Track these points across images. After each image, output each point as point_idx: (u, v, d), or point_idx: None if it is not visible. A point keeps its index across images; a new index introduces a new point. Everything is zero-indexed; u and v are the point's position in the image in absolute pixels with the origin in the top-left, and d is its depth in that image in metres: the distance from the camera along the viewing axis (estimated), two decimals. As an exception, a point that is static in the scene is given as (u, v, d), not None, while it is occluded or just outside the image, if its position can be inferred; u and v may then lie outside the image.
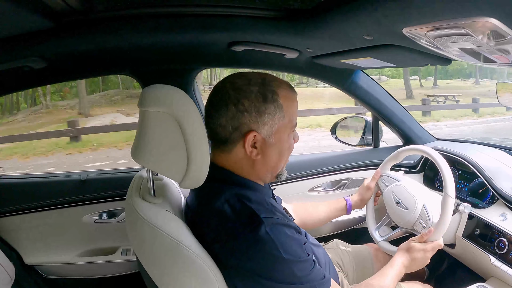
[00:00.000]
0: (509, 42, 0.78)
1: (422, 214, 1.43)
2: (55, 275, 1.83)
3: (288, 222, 1.01)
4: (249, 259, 0.92)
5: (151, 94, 0.96)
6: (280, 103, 1.01)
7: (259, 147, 1.02)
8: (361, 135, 2.23)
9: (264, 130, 1.00)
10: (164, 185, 1.19)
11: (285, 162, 1.12)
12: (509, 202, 1.43)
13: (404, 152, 1.62)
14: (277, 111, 1.01)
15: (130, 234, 1.09)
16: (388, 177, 1.64)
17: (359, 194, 1.68)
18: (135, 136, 1.03)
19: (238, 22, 1.23)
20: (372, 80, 1.98)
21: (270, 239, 0.91)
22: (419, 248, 1.32)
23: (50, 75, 1.61)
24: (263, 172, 1.07)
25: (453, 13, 0.73)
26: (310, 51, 1.50)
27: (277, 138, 1.03)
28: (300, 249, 0.98)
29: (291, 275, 0.93)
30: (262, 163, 1.05)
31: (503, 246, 1.37)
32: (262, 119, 0.99)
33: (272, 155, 1.05)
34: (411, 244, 1.34)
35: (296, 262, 0.94)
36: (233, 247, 0.93)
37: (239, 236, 0.93)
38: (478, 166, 1.58)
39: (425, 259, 1.32)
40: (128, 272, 1.86)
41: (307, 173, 2.03)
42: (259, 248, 0.91)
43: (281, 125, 1.03)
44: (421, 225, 1.43)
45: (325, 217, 1.65)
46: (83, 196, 1.81)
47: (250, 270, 0.93)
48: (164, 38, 1.36)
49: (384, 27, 0.97)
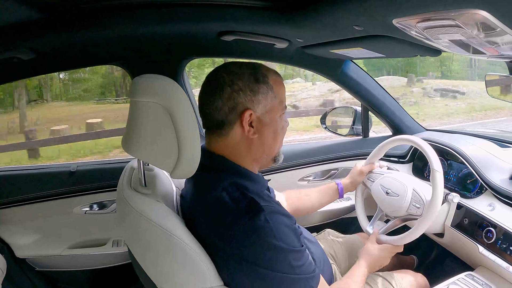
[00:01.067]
0: (499, 34, 0.78)
1: (414, 196, 1.43)
2: (46, 267, 1.82)
3: (285, 211, 1.03)
4: (247, 246, 0.92)
5: (142, 84, 0.96)
6: (270, 85, 1.05)
7: (255, 126, 1.03)
8: (351, 125, 2.23)
9: (259, 109, 1.03)
10: (155, 176, 1.18)
11: (280, 143, 1.14)
12: (497, 192, 1.44)
13: (392, 143, 1.62)
14: (269, 91, 1.04)
15: (122, 225, 1.09)
16: (373, 173, 1.65)
17: (350, 177, 1.67)
18: (126, 126, 1.02)
19: (228, 12, 1.23)
20: (362, 71, 1.98)
21: (269, 227, 0.92)
22: (374, 248, 1.36)
23: (39, 66, 1.59)
24: (260, 153, 1.08)
25: (443, 5, 0.73)
26: (300, 41, 1.49)
27: (271, 118, 1.06)
28: (297, 239, 0.99)
29: (286, 265, 0.94)
30: (259, 143, 1.06)
31: (491, 235, 1.38)
32: (256, 97, 1.02)
33: (268, 135, 1.07)
34: (367, 245, 1.37)
35: (292, 252, 0.95)
36: (232, 235, 0.93)
37: (238, 223, 0.93)
38: (466, 157, 1.60)
39: (383, 258, 1.35)
40: (119, 263, 1.85)
41: (297, 162, 2.04)
42: (258, 236, 0.92)
43: (273, 105, 1.06)
44: (415, 207, 1.43)
45: (318, 202, 1.65)
46: (74, 188, 1.79)
47: (247, 258, 0.93)
48: (154, 28, 1.35)
49: (374, 18, 0.97)
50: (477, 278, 1.39)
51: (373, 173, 1.64)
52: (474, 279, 1.39)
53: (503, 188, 1.42)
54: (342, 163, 2.11)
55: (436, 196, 1.32)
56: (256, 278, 0.94)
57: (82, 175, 1.81)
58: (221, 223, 0.95)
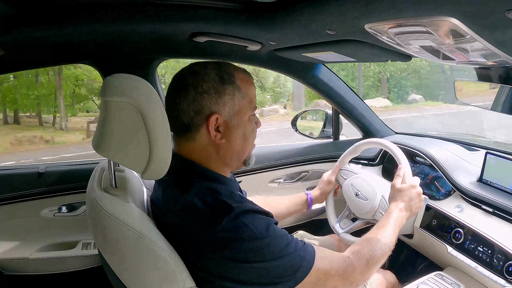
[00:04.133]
0: (468, 41, 0.80)
1: (381, 203, 1.46)
2: (14, 271, 1.77)
3: (260, 208, 1.00)
4: (226, 248, 0.91)
5: (113, 84, 0.93)
6: (237, 85, 1.01)
7: (222, 131, 1.01)
8: (322, 127, 2.24)
9: (225, 111, 1.00)
10: (125, 177, 1.15)
11: (251, 146, 1.11)
12: (465, 194, 1.48)
13: (362, 146, 1.64)
14: (236, 92, 1.01)
15: (92, 227, 1.06)
16: (346, 171, 1.66)
17: (319, 189, 1.68)
18: (97, 126, 1.00)
19: (200, 13, 1.21)
20: (333, 74, 1.99)
21: (245, 224, 0.90)
22: (407, 186, 1.34)
23: (9, 63, 1.54)
24: (228, 157, 1.06)
25: (415, 11, 0.74)
26: (272, 43, 1.48)
27: (239, 120, 1.03)
28: (275, 227, 0.97)
29: (274, 250, 0.92)
30: (227, 148, 1.04)
31: (459, 236, 1.42)
32: (222, 100, 0.99)
33: (236, 138, 1.04)
34: (399, 187, 1.34)
35: (273, 238, 0.93)
36: (210, 239, 0.91)
37: (214, 227, 0.91)
38: (435, 160, 1.63)
39: (419, 193, 1.34)
40: (89, 266, 1.81)
41: (267, 164, 2.04)
42: (235, 235, 0.90)
43: (242, 105, 1.02)
44: (381, 214, 1.45)
45: (285, 211, 1.63)
46: (42, 189, 1.74)
47: (229, 258, 0.91)
48: (126, 27, 1.32)
49: (346, 22, 0.97)
50: (447, 278, 1.42)
51: (346, 170, 1.65)
52: (444, 278, 1.42)
53: (471, 190, 1.46)
54: (312, 165, 2.12)
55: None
56: (246, 273, 0.92)
57: (50, 176, 1.76)
58: (197, 228, 0.93)
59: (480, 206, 1.42)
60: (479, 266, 1.32)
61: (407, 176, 1.37)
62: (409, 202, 1.32)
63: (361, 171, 1.62)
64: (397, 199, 1.33)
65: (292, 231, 1.73)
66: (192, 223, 0.94)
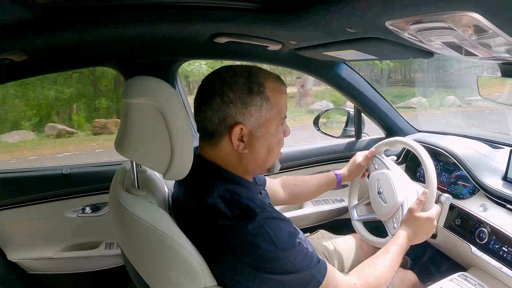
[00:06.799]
0: (491, 36, 0.79)
1: (397, 213, 1.40)
2: (38, 270, 1.81)
3: (280, 215, 1.00)
4: (244, 253, 0.91)
5: (135, 86, 0.95)
6: (266, 95, 0.98)
7: (246, 141, 1.00)
8: (344, 127, 2.23)
9: (251, 122, 0.98)
10: (148, 177, 1.17)
11: (276, 156, 1.09)
12: (489, 193, 1.45)
13: (399, 143, 1.57)
14: (264, 103, 0.98)
15: (114, 227, 1.08)
16: (380, 160, 1.60)
17: (348, 170, 1.65)
18: (119, 128, 1.01)
19: (220, 13, 1.22)
20: (355, 73, 1.98)
21: (266, 232, 0.91)
22: (425, 218, 1.28)
23: (31, 67, 1.57)
24: (251, 167, 1.05)
25: (436, 7, 0.73)
26: (293, 43, 1.49)
27: (265, 131, 1.01)
28: (294, 238, 0.97)
29: (288, 265, 0.92)
30: (250, 158, 1.03)
31: (484, 236, 1.39)
32: (248, 110, 0.97)
33: (260, 150, 1.03)
34: (415, 215, 1.29)
35: (291, 252, 0.93)
36: (230, 242, 0.92)
37: (235, 231, 0.91)
38: (459, 158, 1.60)
39: (432, 227, 1.29)
40: (112, 266, 1.85)
41: (290, 164, 2.04)
42: (256, 242, 0.90)
43: (269, 116, 1.00)
44: (393, 223, 1.41)
45: (315, 190, 1.62)
46: (66, 190, 1.78)
47: (247, 264, 0.91)
48: (147, 30, 1.33)
49: (367, 20, 0.97)
50: (470, 279, 1.40)
51: (380, 159, 1.59)
52: (467, 279, 1.40)
53: (496, 189, 1.43)
54: (334, 165, 2.11)
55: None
56: (259, 283, 0.93)
57: (74, 178, 1.80)
58: (218, 229, 0.94)
59: (505, 205, 1.39)
60: (504, 267, 1.30)
61: (428, 203, 1.31)
62: (419, 233, 1.28)
63: (393, 166, 1.54)
64: (409, 226, 1.29)
65: (313, 231, 1.74)
66: (213, 224, 0.95)
